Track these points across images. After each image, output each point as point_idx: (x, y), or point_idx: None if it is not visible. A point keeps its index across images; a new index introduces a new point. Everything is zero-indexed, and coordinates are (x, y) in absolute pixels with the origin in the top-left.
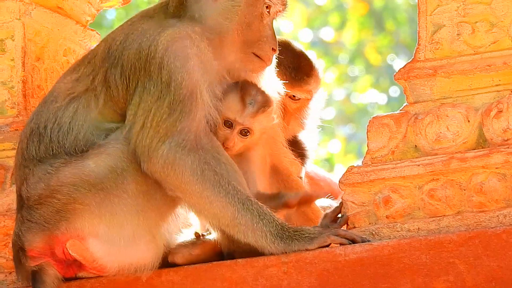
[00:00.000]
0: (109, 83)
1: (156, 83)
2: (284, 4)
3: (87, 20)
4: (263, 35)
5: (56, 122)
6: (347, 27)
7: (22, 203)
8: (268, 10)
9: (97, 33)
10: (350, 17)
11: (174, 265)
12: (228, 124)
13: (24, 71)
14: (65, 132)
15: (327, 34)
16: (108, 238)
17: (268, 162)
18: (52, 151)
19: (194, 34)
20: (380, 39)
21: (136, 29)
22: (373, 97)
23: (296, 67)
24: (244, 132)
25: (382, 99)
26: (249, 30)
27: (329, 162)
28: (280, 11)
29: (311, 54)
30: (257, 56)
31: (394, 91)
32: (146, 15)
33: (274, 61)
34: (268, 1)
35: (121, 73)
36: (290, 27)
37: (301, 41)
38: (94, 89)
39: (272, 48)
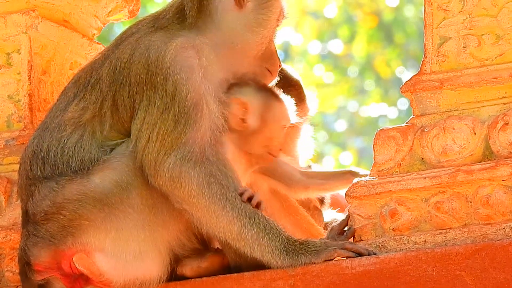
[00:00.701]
0: (118, 106)
1: (162, 95)
2: (284, 16)
3: (94, 34)
4: (274, 50)
5: (60, 147)
6: (357, 40)
7: (28, 218)
8: (278, 22)
9: (103, 46)
10: (360, 30)
11: (182, 277)
12: None
13: (30, 84)
14: (70, 156)
15: (337, 47)
16: (114, 252)
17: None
18: (58, 170)
19: (203, 45)
20: (389, 52)
21: (144, 42)
22: (383, 110)
23: (289, 92)
24: None
25: (392, 112)
26: (269, 44)
27: None
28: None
29: (302, 82)
30: (268, 70)
31: (403, 103)
32: (158, 27)
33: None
34: (282, 14)
35: (129, 91)
36: (299, 40)
37: (310, 54)
38: (102, 115)
39: (279, 64)
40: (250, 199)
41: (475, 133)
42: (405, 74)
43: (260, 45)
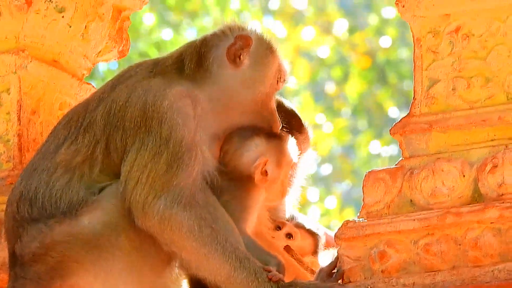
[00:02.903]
0: (110, 150)
1: (155, 138)
2: (287, 79)
3: (83, 74)
4: (274, 110)
5: (48, 189)
6: (350, 80)
7: (15, 260)
8: (278, 83)
9: (93, 86)
10: (353, 70)
11: None
12: None
13: (19, 124)
14: (58, 198)
15: (330, 87)
16: None
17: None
18: (46, 211)
19: (199, 96)
20: (383, 93)
21: (141, 86)
22: (376, 150)
23: (287, 124)
24: None
25: (385, 152)
26: (268, 103)
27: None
28: (282, 87)
29: (301, 115)
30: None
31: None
32: (156, 72)
33: None
34: (284, 75)
35: (122, 134)
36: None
37: (304, 95)
38: (94, 159)
39: (279, 125)
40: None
41: (464, 176)
42: (398, 115)
43: (256, 102)
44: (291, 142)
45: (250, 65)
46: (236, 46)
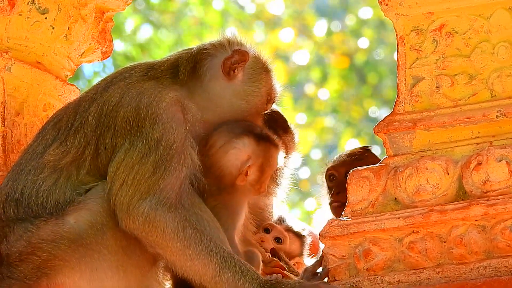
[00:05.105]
0: (99, 150)
1: (146, 140)
2: (277, 101)
3: (67, 75)
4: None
5: (35, 189)
6: (329, 81)
7: (1, 260)
8: (268, 103)
9: (76, 87)
10: (332, 71)
11: None
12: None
13: (4, 126)
14: (44, 199)
15: (309, 88)
16: None
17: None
18: (33, 212)
19: (191, 104)
20: (362, 92)
21: (135, 88)
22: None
23: (273, 124)
24: None
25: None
26: (255, 119)
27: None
28: (270, 107)
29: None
30: None
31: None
32: (150, 76)
33: None
34: (274, 97)
35: (112, 135)
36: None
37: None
38: (83, 160)
39: None
40: None
41: (448, 173)
42: (378, 114)
43: (244, 116)
44: (279, 147)
45: (243, 80)
46: (232, 60)
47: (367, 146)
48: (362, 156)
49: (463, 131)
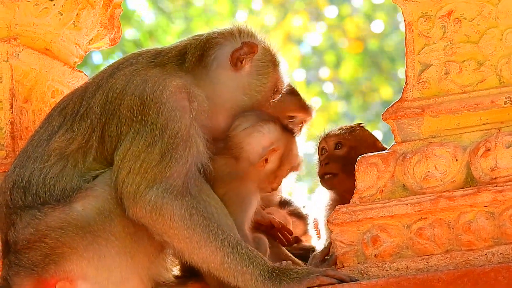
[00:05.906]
0: (105, 138)
1: (151, 128)
2: (281, 90)
3: (75, 62)
4: None
5: (42, 176)
6: (343, 66)
7: (9, 248)
8: (274, 94)
9: (84, 74)
10: (346, 55)
11: None
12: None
13: (12, 113)
14: (52, 186)
15: (323, 72)
16: (96, 280)
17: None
18: (40, 199)
19: (197, 92)
20: (376, 78)
21: (140, 75)
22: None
23: (292, 92)
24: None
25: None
26: (264, 104)
27: None
28: (276, 98)
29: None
30: None
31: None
32: (157, 63)
33: None
34: (280, 88)
35: (117, 123)
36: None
37: (296, 81)
38: (89, 147)
39: None
40: None
41: (456, 160)
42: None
43: (249, 107)
44: (299, 145)
45: (250, 71)
46: (241, 51)
47: (360, 123)
48: (354, 130)
49: (472, 117)
